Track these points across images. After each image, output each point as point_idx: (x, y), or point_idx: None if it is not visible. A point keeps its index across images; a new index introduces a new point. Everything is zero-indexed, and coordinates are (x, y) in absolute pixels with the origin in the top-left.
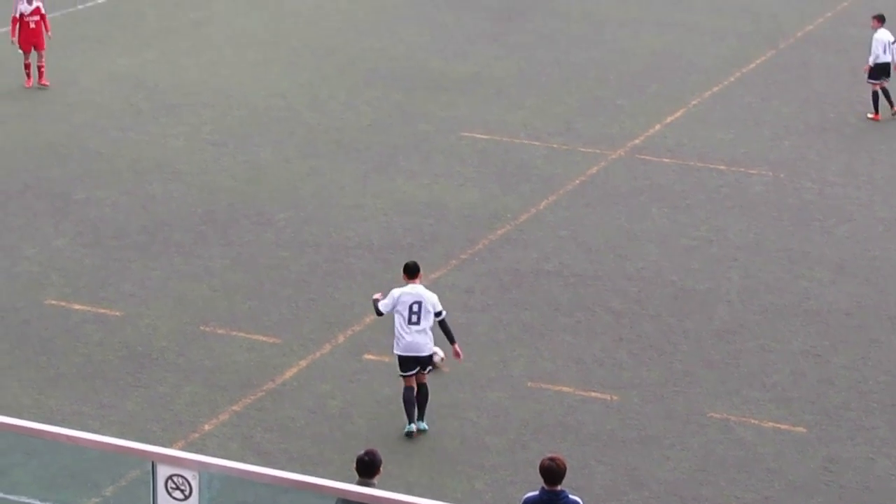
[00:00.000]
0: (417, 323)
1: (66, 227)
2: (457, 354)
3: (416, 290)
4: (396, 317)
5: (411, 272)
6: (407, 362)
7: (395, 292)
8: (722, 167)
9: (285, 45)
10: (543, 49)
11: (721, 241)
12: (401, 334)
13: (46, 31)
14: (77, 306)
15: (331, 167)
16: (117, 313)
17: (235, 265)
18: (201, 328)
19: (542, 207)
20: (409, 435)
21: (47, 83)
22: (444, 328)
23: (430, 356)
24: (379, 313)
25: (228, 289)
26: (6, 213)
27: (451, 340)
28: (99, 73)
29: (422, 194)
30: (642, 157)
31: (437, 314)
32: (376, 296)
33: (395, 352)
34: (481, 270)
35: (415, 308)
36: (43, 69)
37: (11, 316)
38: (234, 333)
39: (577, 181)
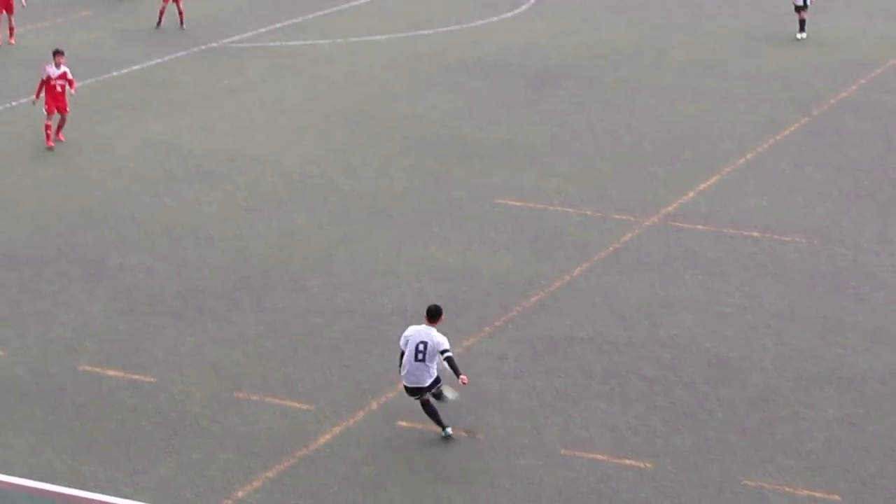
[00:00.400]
0: (423, 361)
1: (99, 292)
2: (463, 382)
3: (427, 331)
4: (406, 350)
5: (431, 316)
6: (411, 392)
7: (409, 331)
8: (756, 234)
9: (319, 112)
10: (577, 116)
11: (755, 308)
12: (406, 366)
13: (71, 89)
14: (111, 372)
15: (364, 234)
16: (151, 379)
17: (269, 331)
18: (235, 394)
19: (575, 274)
20: (447, 437)
21: (63, 138)
22: (449, 364)
23: (432, 385)
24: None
25: (262, 355)
26: (40, 279)
27: (457, 374)
28: (133, 139)
29: (455, 261)
30: (676, 224)
31: (443, 352)
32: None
33: (402, 380)
34: (514, 337)
35: (420, 348)
36: (62, 127)
37: (45, 382)
38: (268, 400)
39: (611, 248)
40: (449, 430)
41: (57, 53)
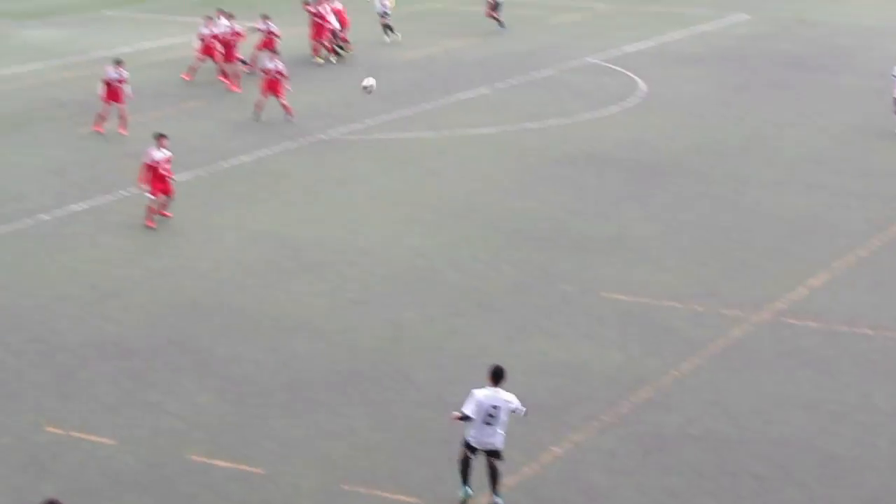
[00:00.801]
0: (492, 425)
1: (209, 383)
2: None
3: (496, 394)
4: (474, 415)
5: (497, 377)
6: (476, 449)
7: (478, 394)
8: (869, 332)
9: (427, 205)
10: (686, 210)
11: (868, 407)
12: (477, 428)
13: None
14: (220, 463)
15: (473, 327)
16: (259, 471)
17: (377, 424)
18: (342, 487)
19: (685, 370)
20: (465, 501)
21: (170, 214)
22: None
23: (499, 450)
24: (468, 418)
25: (370, 448)
26: (150, 369)
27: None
28: (242, 230)
29: (564, 356)
30: (787, 320)
31: (514, 411)
32: (455, 414)
33: (466, 437)
34: (624, 434)
35: (492, 412)
36: (167, 206)
37: (155, 472)
38: (376, 493)
39: (721, 344)
40: (469, 491)
41: (160, 137)
